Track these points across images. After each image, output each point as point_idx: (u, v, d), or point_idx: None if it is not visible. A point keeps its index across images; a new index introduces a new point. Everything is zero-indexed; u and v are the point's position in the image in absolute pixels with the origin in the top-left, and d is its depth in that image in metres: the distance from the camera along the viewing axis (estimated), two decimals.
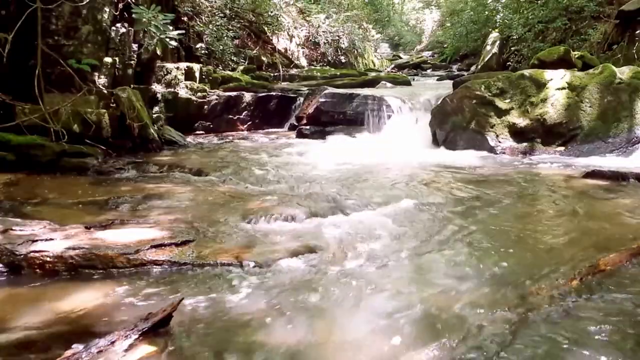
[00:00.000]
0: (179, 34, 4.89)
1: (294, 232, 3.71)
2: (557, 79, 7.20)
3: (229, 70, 11.88)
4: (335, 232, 3.70)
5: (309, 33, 16.80)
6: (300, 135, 9.29)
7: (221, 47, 12.18)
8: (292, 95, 10.75)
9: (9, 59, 4.13)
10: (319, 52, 16.85)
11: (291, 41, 16.22)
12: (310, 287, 2.83)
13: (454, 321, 2.44)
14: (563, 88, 7.10)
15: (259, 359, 2.16)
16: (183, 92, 9.35)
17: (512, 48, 14.46)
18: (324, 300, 2.68)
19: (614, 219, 4.11)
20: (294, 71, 14.00)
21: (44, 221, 3.54)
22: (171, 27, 4.67)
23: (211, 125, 9.76)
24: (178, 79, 9.42)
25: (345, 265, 3.12)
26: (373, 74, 14.88)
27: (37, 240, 3.13)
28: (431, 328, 2.38)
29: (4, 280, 2.88)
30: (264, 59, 14.15)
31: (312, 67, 15.31)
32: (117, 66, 7.19)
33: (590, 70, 7.38)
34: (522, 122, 7.11)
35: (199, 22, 12.01)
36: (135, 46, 7.60)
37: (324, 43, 16.83)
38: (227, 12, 13.37)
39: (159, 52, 8.55)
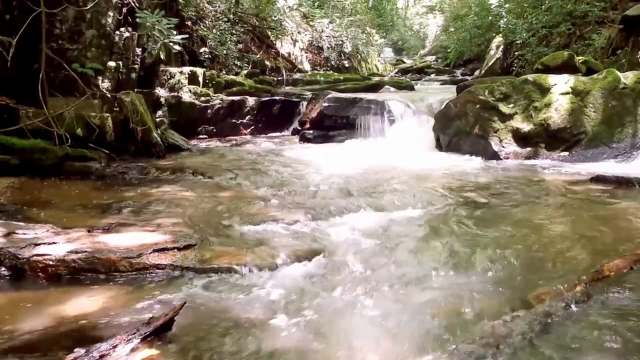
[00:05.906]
0: (182, 39, 4.90)
1: (297, 236, 3.71)
2: (561, 84, 7.18)
3: (233, 74, 11.91)
4: (337, 237, 3.71)
5: (312, 38, 16.85)
6: (304, 139, 9.29)
7: (225, 51, 12.21)
8: (295, 99, 10.75)
9: (13, 62, 4.15)
10: (322, 56, 16.89)
11: (295, 46, 16.26)
12: (312, 291, 2.82)
13: (456, 326, 2.42)
14: (567, 93, 7.08)
15: None
16: (186, 97, 9.36)
17: (516, 53, 14.44)
18: (326, 305, 2.66)
19: (619, 224, 4.10)
20: (297, 76, 14.02)
21: (46, 225, 3.54)
22: (175, 32, 4.68)
23: (214, 130, 9.77)
24: (182, 83, 9.44)
25: (348, 270, 3.11)
26: (376, 78, 14.91)
27: (39, 244, 3.13)
28: (433, 333, 2.37)
29: (6, 284, 2.88)
30: (267, 63, 14.19)
31: (316, 72, 15.33)
32: (120, 70, 7.20)
33: (594, 75, 7.36)
34: (525, 127, 7.10)
35: (202, 27, 12.05)
36: (139, 50, 7.60)
37: (328, 47, 16.87)
38: (231, 16, 13.42)
39: (162, 57, 8.57)
